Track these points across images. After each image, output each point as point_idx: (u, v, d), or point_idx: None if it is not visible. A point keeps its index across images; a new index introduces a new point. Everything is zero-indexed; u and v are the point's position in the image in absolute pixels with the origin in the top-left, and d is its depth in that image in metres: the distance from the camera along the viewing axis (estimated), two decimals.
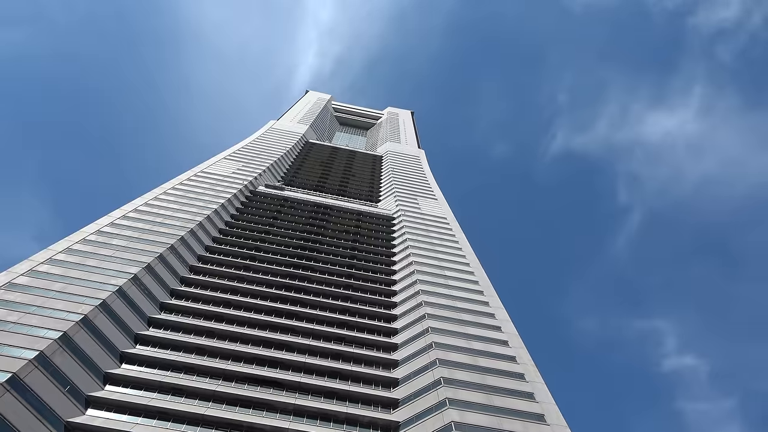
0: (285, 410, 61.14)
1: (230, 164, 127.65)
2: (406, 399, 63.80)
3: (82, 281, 65.84)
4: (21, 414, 47.74)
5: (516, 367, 67.71)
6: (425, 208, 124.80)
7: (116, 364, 61.04)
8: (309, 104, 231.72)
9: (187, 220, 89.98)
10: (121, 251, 74.86)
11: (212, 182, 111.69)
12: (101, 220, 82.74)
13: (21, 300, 60.03)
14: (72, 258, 70.65)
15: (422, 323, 75.42)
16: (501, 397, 61.68)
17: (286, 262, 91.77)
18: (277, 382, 64.78)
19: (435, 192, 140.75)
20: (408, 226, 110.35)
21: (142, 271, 71.61)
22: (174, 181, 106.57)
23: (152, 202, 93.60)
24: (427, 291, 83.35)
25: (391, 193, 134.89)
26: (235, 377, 64.46)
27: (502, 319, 78.94)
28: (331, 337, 75.47)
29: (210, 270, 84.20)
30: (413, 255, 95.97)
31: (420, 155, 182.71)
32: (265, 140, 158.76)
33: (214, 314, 74.64)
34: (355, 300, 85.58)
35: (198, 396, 60.55)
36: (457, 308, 79.66)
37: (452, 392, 60.95)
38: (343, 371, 68.57)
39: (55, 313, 58.85)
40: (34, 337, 54.08)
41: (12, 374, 48.53)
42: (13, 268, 65.51)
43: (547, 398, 62.92)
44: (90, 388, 56.07)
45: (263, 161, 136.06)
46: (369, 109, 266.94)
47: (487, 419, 57.76)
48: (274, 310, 78.66)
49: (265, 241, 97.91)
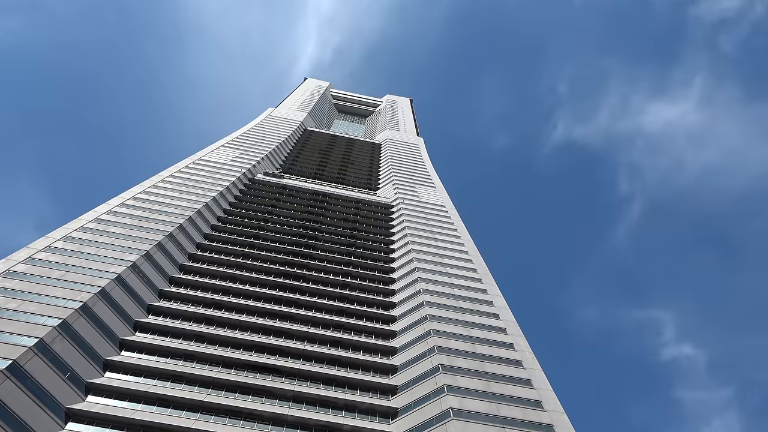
0: (284, 397, 61.53)
1: (229, 152, 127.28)
2: (404, 386, 64.22)
3: (81, 269, 65.92)
4: (21, 401, 48.02)
5: (514, 354, 68.12)
6: (424, 196, 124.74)
7: (116, 351, 61.29)
8: (307, 92, 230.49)
9: (186, 208, 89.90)
10: (120, 239, 74.87)
11: (211, 170, 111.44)
12: (99, 208, 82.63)
13: (20, 287, 60.13)
14: (71, 246, 70.68)
15: (420, 310, 75.71)
16: (499, 384, 62.10)
17: (285, 250, 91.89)
18: (276, 369, 65.15)
19: (434, 180, 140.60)
20: (407, 214, 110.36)
21: (141, 258, 71.69)
22: (172, 168, 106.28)
23: (150, 190, 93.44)
24: (426, 279, 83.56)
25: (389, 181, 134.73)
26: (234, 364, 64.80)
27: (500, 306, 79.29)
28: (330, 325, 75.78)
29: (209, 258, 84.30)
30: (412, 243, 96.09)
31: (419, 143, 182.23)
32: (263, 128, 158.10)
33: (214, 302, 74.84)
34: (354, 287, 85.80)
35: (198, 383, 60.91)
36: (456, 296, 79.93)
37: (450, 379, 61.35)
38: (342, 358, 68.94)
39: (55, 300, 58.99)
40: (33, 325, 54.27)
41: (12, 361, 48.72)
42: (12, 256, 65.54)
43: (545, 384, 63.40)
44: (90, 375, 56.35)
45: (262, 149, 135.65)
46: (368, 97, 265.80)
47: (485, 405, 58.20)
48: (273, 297, 78.89)
49: (264, 228, 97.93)
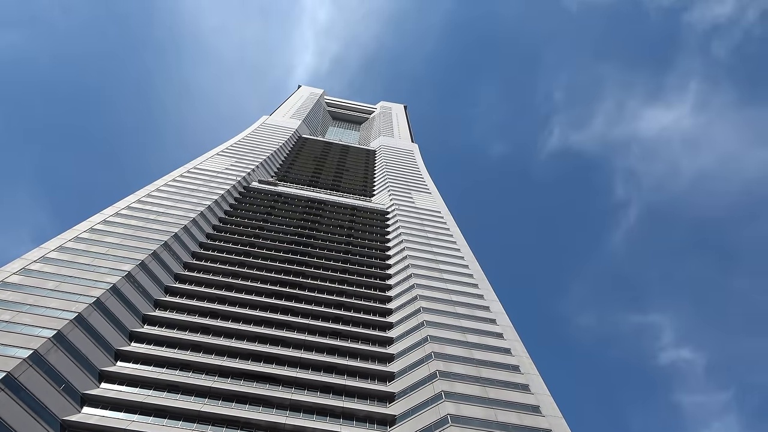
0: (281, 405, 61.23)
1: (223, 160, 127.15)
2: (402, 392, 64.04)
3: (75, 279, 65.59)
4: (16, 413, 47.62)
5: (511, 360, 68.08)
6: (419, 201, 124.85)
7: (111, 361, 60.92)
8: (302, 99, 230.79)
9: (181, 217, 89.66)
10: (115, 249, 74.55)
11: (206, 178, 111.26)
12: (94, 218, 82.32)
13: (14, 299, 59.75)
14: (65, 256, 70.34)
15: (417, 317, 75.61)
16: (496, 389, 62.01)
17: (281, 258, 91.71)
18: (273, 378, 64.87)
19: (429, 186, 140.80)
20: (402, 220, 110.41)
21: (136, 268, 71.39)
22: (167, 177, 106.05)
23: (145, 199, 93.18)
24: (422, 285, 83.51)
25: (384, 187, 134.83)
26: (230, 373, 64.50)
27: (496, 312, 79.28)
28: (327, 332, 75.57)
29: (204, 266, 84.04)
30: (408, 249, 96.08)
31: (413, 149, 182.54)
32: (258, 136, 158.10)
33: (209, 311, 74.54)
34: (351, 295, 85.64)
35: (194, 392, 60.56)
36: (452, 302, 79.89)
37: (448, 385, 61.22)
38: (339, 366, 68.73)
39: (49, 311, 58.64)
40: (28, 336, 53.89)
41: (6, 373, 48.35)
42: (6, 267, 65.18)
43: (542, 390, 63.35)
44: (85, 386, 55.96)
45: (256, 157, 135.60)
46: (362, 104, 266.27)
47: (483, 411, 58.08)
48: (270, 305, 78.65)
49: (260, 236, 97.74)
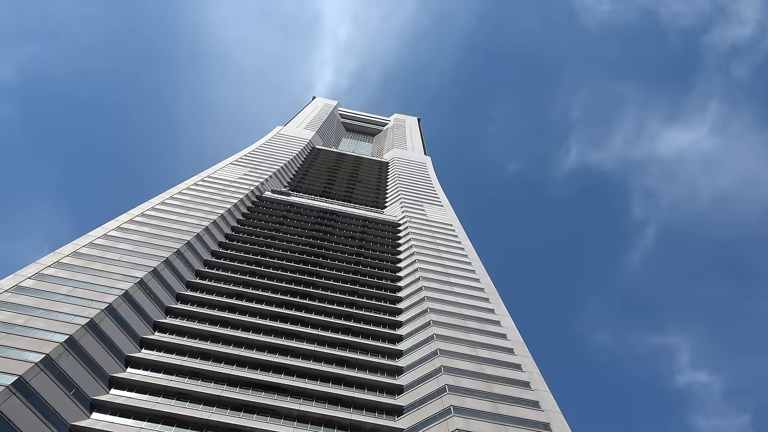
0: (289, 416, 61.03)
1: (237, 169, 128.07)
2: (410, 406, 63.55)
3: (88, 285, 66.10)
4: (26, 417, 47.87)
5: (521, 375, 67.38)
6: (431, 214, 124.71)
7: (121, 368, 61.16)
8: (316, 110, 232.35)
9: (194, 225, 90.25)
10: (128, 255, 75.13)
11: (219, 187, 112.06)
12: (108, 224, 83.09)
13: (28, 303, 60.31)
14: (79, 262, 70.97)
15: (427, 330, 75.20)
16: (506, 405, 61.34)
17: (292, 268, 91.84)
18: (281, 388, 64.72)
19: (441, 198, 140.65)
20: (414, 232, 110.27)
21: (149, 275, 71.84)
22: (181, 186, 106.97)
23: (159, 206, 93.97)
24: (433, 298, 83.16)
25: (397, 199, 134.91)
26: (240, 382, 64.45)
27: (507, 326, 78.66)
28: (336, 343, 75.37)
29: (216, 275, 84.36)
30: (419, 261, 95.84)
31: (426, 162, 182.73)
32: (271, 146, 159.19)
33: (220, 319, 74.72)
34: (361, 306, 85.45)
35: (203, 401, 60.56)
36: (463, 315, 79.41)
37: (457, 400, 60.68)
38: (348, 377, 68.44)
39: (62, 316, 59.10)
40: (40, 341, 54.31)
41: (18, 377, 48.69)
42: (21, 272, 65.81)
43: (552, 406, 62.55)
44: (95, 391, 56.17)
45: (270, 167, 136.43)
46: (375, 116, 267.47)
47: (492, 427, 57.44)
48: (280, 315, 78.69)
49: (271, 246, 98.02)
